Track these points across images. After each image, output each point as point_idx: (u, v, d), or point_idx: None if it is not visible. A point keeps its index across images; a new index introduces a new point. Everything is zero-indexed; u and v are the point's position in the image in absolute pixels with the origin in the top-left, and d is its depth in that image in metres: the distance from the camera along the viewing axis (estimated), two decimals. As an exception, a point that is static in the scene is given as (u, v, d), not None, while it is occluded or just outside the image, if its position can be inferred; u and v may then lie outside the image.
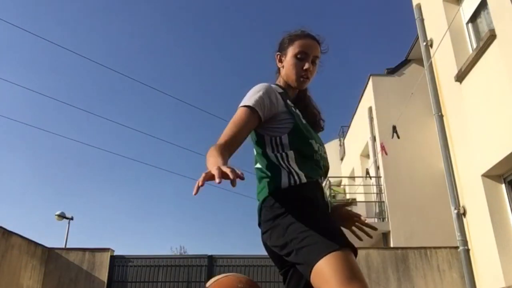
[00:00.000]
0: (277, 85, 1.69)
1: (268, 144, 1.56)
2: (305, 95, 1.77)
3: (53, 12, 31.19)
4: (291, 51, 1.66)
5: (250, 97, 1.50)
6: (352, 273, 1.19)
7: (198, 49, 40.29)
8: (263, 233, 1.53)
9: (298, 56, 1.64)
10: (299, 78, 1.64)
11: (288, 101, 1.63)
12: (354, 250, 1.30)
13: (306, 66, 1.63)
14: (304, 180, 1.48)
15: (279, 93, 1.61)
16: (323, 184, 1.64)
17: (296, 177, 1.48)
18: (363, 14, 38.45)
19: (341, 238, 1.29)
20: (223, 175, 1.10)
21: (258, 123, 1.50)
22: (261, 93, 1.52)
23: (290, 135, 1.53)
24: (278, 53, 1.71)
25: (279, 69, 1.72)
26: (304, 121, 1.64)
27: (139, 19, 34.19)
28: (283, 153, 1.52)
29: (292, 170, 1.49)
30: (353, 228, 1.75)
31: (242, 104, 1.49)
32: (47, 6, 31.80)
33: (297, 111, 1.65)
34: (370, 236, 1.82)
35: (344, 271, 1.19)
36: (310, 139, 1.58)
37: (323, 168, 1.61)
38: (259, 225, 1.55)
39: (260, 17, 39.84)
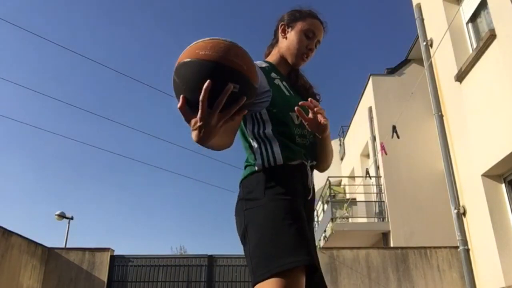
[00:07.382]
0: (263, 61, 1.62)
1: (249, 122, 1.46)
2: (297, 76, 1.65)
3: (53, 13, 31.20)
4: (300, 26, 1.58)
5: None
6: None
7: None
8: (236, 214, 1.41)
9: (307, 33, 1.58)
10: (300, 55, 1.58)
11: (273, 74, 1.54)
12: (313, 267, 1.21)
13: (311, 45, 1.59)
14: (280, 161, 1.37)
15: (262, 67, 1.52)
16: (309, 166, 1.46)
17: (271, 158, 1.37)
18: (363, 13, 38.47)
19: (299, 253, 1.19)
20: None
21: None
22: None
23: (269, 110, 1.43)
24: (283, 23, 1.62)
25: (276, 41, 1.64)
26: (288, 93, 1.52)
27: (139, 18, 34.21)
28: (262, 131, 1.42)
29: (269, 149, 1.39)
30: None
31: None
32: (49, 7, 31.82)
33: (284, 83, 1.55)
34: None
35: None
36: (291, 111, 1.44)
37: (308, 148, 1.47)
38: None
39: (258, 16, 39.86)
